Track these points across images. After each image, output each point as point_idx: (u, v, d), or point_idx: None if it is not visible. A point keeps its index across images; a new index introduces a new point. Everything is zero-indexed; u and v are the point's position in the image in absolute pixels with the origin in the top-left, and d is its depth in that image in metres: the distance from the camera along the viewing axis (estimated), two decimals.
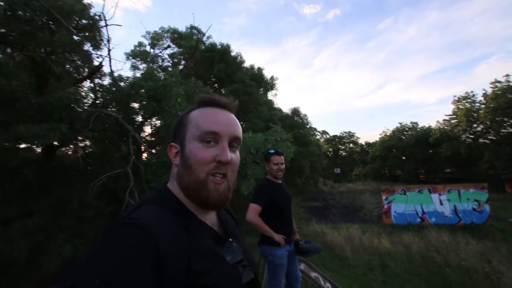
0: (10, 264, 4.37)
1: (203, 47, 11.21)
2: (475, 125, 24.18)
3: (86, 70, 7.95)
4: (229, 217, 0.83)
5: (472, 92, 24.61)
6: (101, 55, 7.11)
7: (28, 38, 5.36)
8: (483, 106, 22.78)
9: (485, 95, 22.56)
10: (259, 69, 12.51)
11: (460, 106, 25.31)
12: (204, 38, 11.50)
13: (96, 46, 6.94)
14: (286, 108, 22.03)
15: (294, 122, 15.69)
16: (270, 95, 14.30)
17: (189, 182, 0.64)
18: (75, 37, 6.13)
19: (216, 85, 12.57)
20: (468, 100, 24.69)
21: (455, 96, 26.41)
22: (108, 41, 6.70)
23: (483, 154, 22.15)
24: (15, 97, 4.48)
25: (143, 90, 5.81)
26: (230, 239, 0.71)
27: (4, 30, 5.14)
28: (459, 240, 8.04)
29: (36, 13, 5.03)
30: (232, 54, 11.64)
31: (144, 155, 7.07)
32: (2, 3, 4.71)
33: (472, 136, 24.66)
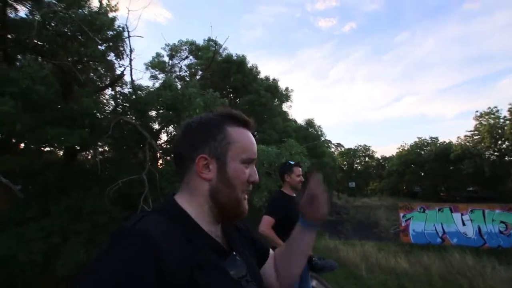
0: (26, 265, 4.48)
1: (219, 58, 11.50)
2: (499, 142, 23.01)
3: (109, 78, 8.34)
4: (234, 230, 0.82)
5: (495, 107, 23.55)
6: (123, 65, 7.45)
7: (58, 48, 5.71)
8: (508, 122, 21.72)
9: (511, 110, 21.54)
10: (274, 80, 12.64)
11: (483, 122, 24.26)
12: (221, 50, 11.82)
13: (119, 56, 7.29)
14: (300, 119, 21.95)
15: (309, 134, 15.56)
16: (285, 107, 14.36)
17: (229, 199, 0.68)
18: (100, 47, 6.47)
19: (231, 95, 12.78)
20: (492, 115, 23.64)
21: (477, 112, 25.38)
22: (131, 51, 7.00)
23: (509, 172, 20.94)
24: (44, 104, 4.74)
25: (161, 99, 5.99)
26: (234, 253, 0.69)
27: (37, 41, 5.51)
28: (485, 264, 7.50)
29: (67, 26, 5.37)
30: (248, 65, 11.86)
31: (160, 162, 7.20)
32: (38, 17, 5.06)
33: (497, 154, 23.44)
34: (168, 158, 7.24)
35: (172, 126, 7.26)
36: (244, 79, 11.20)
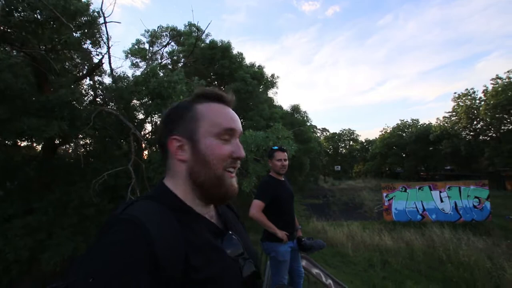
0: (12, 262, 4.37)
1: (202, 45, 11.17)
2: (475, 122, 24.17)
3: (86, 67, 7.93)
4: (228, 211, 0.82)
5: (472, 89, 24.68)
6: (100, 53, 7.09)
7: (28, 36, 5.33)
8: (483, 103, 22.76)
9: (485, 91, 22.53)
10: (260, 67, 12.48)
11: (460, 103, 25.31)
12: (203, 36, 11.47)
13: (96, 43, 6.92)
14: (286, 105, 22.01)
15: (295, 120, 15.67)
16: (271, 93, 14.28)
17: (206, 178, 0.64)
18: (75, 34, 6.11)
19: (216, 82, 12.54)
20: (468, 97, 24.67)
21: (455, 93, 26.40)
22: (108, 38, 6.67)
23: (483, 151, 22.16)
24: (16, 95, 4.46)
25: (144, 88, 5.79)
26: (230, 232, 0.69)
27: (2, 28, 5.12)
28: (460, 237, 8.06)
29: (37, 12, 5.00)
30: (234, 52, 11.61)
31: (145, 152, 7.07)
32: (2, 2, 4.68)
33: (472, 133, 24.66)
34: (154, 148, 7.12)
35: (157, 115, 7.09)
36: (231, 65, 10.98)
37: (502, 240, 8.01)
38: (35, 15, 5.15)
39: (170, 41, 11.54)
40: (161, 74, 6.43)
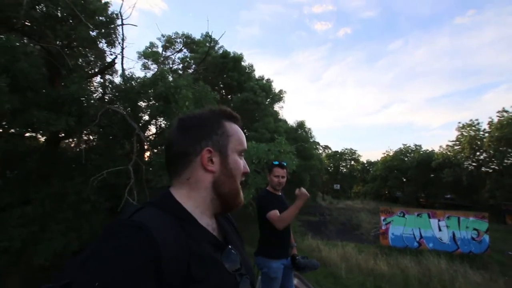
0: (1, 252, 4.32)
1: (214, 54, 11.40)
2: (478, 153, 24.05)
3: (98, 65, 8.10)
4: (226, 223, 0.83)
5: (477, 120, 24.61)
6: (114, 53, 7.26)
7: (47, 30, 5.49)
8: (487, 134, 22.73)
9: (490, 123, 22.54)
10: (268, 81, 12.67)
11: (464, 133, 25.28)
12: (217, 47, 11.72)
13: (111, 43, 7.09)
14: (291, 120, 22.12)
15: (298, 135, 15.71)
16: (277, 107, 14.41)
17: (230, 189, 0.72)
18: (92, 33, 6.27)
19: (223, 91, 12.70)
20: (473, 127, 24.67)
21: (459, 123, 26.44)
22: (123, 39, 6.83)
23: (485, 183, 21.94)
24: (28, 86, 4.53)
25: (151, 90, 5.88)
26: (230, 246, 0.70)
27: (23, 21, 5.27)
28: (457, 268, 7.87)
29: (57, 8, 5.17)
30: (244, 64, 11.82)
31: (147, 154, 7.09)
32: None
33: (474, 164, 24.50)
34: (156, 150, 7.14)
35: (162, 118, 7.15)
36: (240, 77, 11.16)
37: (500, 276, 7.81)
38: (56, 11, 5.32)
39: (183, 48, 11.79)
40: (170, 79, 6.54)
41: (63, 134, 6.31)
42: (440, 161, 25.92)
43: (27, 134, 6.25)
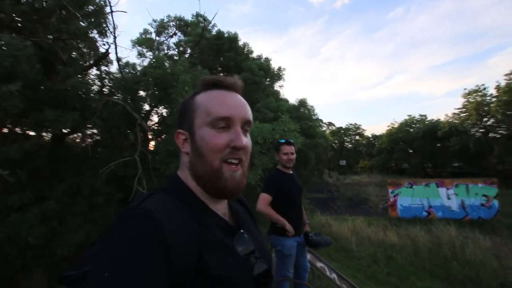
0: (25, 249, 4.51)
1: (209, 35, 11.06)
2: (485, 119, 23.63)
3: (92, 57, 7.92)
4: (240, 206, 0.81)
5: (483, 85, 23.90)
6: (107, 42, 7.06)
7: (36, 24, 5.32)
8: (494, 99, 22.19)
9: (498, 87, 21.91)
10: (267, 59, 12.33)
11: (471, 99, 24.71)
12: (210, 26, 11.33)
13: (102, 33, 6.88)
14: (292, 98, 21.78)
15: (301, 114, 15.50)
16: (277, 86, 14.13)
17: (203, 171, 0.62)
18: (82, 24, 6.08)
19: (222, 74, 12.46)
20: (479, 93, 24.05)
21: (465, 89, 25.83)
22: (114, 28, 6.62)
23: (493, 148, 21.72)
24: (29, 85, 4.49)
25: (150, 79, 5.78)
26: (241, 230, 0.68)
27: (10, 16, 5.11)
28: (467, 235, 7.97)
29: (45, 0, 4.98)
30: (240, 43, 11.47)
31: (152, 143, 7.10)
32: None
33: (482, 130, 24.14)
34: (159, 139, 7.14)
35: (163, 106, 7.08)
36: (237, 57, 10.86)
37: (510, 240, 7.90)
38: (43, 3, 5.13)
39: (176, 31, 11.44)
40: (167, 65, 6.39)
41: (68, 130, 6.32)
42: (446, 130, 25.56)
43: (32, 133, 6.28)
